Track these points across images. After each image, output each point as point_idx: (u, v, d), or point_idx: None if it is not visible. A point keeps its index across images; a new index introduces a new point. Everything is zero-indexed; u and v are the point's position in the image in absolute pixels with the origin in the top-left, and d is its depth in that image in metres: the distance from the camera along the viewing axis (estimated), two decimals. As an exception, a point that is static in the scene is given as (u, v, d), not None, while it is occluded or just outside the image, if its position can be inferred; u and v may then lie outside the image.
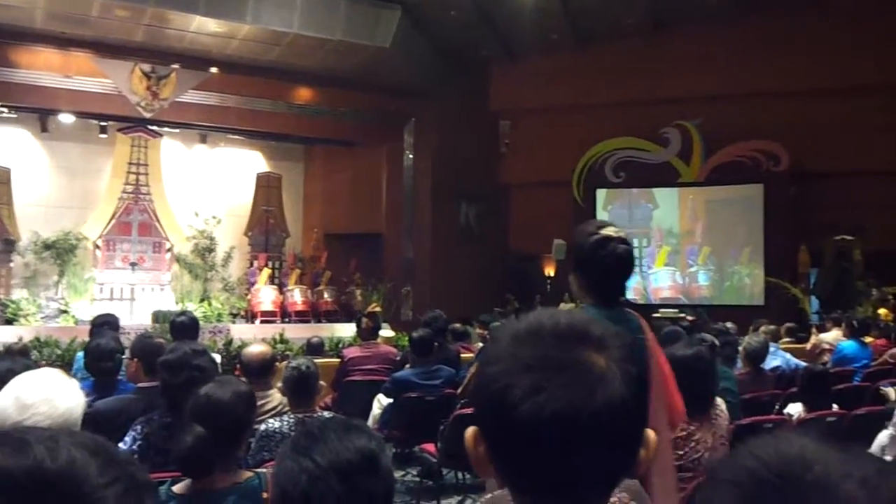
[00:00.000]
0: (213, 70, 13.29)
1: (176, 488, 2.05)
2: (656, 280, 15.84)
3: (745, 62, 14.27)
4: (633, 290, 15.64)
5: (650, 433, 0.86)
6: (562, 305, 13.97)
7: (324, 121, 15.33)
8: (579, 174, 15.89)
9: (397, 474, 5.00)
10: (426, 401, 5.45)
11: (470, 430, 0.88)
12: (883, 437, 3.72)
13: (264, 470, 2.16)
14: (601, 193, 16.02)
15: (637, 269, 15.95)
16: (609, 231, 2.39)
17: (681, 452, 3.24)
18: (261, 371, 3.77)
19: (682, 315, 12.81)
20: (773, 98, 14.24)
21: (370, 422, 5.56)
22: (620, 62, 15.05)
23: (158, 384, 2.89)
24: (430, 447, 5.37)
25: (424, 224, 15.69)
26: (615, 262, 2.36)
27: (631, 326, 2.52)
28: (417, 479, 5.77)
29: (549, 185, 15.72)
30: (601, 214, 16.03)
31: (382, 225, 16.33)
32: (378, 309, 12.66)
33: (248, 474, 2.11)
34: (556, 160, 15.54)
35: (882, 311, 12.17)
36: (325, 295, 15.03)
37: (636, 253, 15.87)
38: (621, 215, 16.06)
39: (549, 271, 16.30)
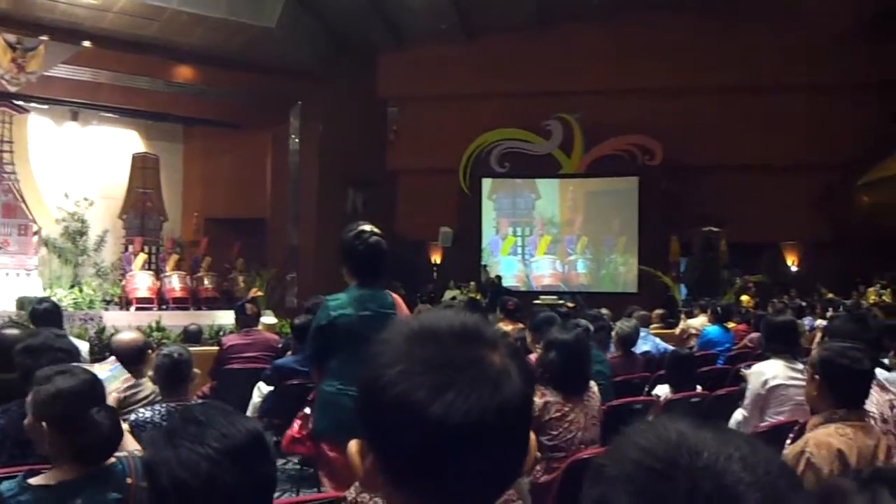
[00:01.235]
0: (86, 44, 12.56)
1: (33, 481, 1.95)
2: (538, 268, 16.27)
3: (623, 59, 14.85)
4: (516, 277, 16.04)
5: (531, 433, 0.88)
6: (447, 293, 14.16)
7: (204, 101, 14.85)
8: (466, 163, 16.08)
9: (278, 463, 4.94)
10: (307, 388, 5.39)
11: (353, 444, 0.86)
12: (738, 415, 3.98)
13: (125, 453, 2.09)
14: (486, 183, 16.28)
15: (520, 258, 16.34)
16: (365, 227, 3.00)
17: (555, 433, 3.36)
18: (132, 359, 3.63)
19: (562, 301, 13.24)
20: (649, 94, 14.90)
21: (250, 410, 5.44)
22: (507, 54, 15.33)
23: (12, 377, 2.72)
24: (311, 435, 5.31)
25: (310, 210, 15.45)
26: (370, 249, 2.98)
27: (386, 303, 3.18)
28: (298, 466, 5.72)
29: (437, 172, 15.84)
30: (486, 203, 16.31)
31: (267, 210, 15.98)
32: (259, 294, 12.39)
33: (111, 460, 2.04)
34: (443, 148, 15.67)
35: (744, 298, 13.01)
36: (206, 281, 14.57)
37: (519, 242, 16.39)
38: (505, 204, 16.40)
39: (436, 258, 16.44)
